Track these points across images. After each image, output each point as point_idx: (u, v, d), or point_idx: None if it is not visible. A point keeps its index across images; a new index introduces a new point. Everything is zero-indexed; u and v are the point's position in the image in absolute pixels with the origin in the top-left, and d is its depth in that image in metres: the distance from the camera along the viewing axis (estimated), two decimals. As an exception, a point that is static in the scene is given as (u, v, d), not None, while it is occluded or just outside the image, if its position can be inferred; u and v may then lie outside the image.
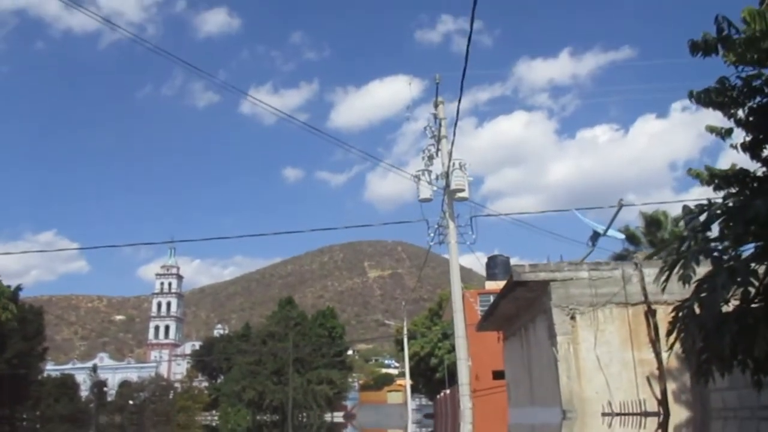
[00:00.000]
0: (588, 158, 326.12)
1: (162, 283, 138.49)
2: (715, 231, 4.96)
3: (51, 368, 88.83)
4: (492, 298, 29.18)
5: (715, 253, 4.74)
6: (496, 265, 30.72)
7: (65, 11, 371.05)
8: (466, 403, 14.64)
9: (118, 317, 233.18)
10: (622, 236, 11.73)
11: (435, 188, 15.95)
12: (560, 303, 8.94)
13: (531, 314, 10.64)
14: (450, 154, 15.22)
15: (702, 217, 4.81)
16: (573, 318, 8.86)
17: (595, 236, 9.98)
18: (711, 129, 6.75)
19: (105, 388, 78.09)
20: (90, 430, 63.52)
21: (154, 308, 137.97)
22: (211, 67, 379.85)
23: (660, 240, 27.83)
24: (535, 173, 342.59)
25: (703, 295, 4.60)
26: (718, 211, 4.72)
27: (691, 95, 6.29)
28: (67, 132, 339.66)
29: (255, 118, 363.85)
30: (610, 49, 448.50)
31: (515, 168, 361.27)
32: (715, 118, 6.56)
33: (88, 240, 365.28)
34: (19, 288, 43.96)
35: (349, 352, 67.09)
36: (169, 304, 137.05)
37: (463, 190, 15.24)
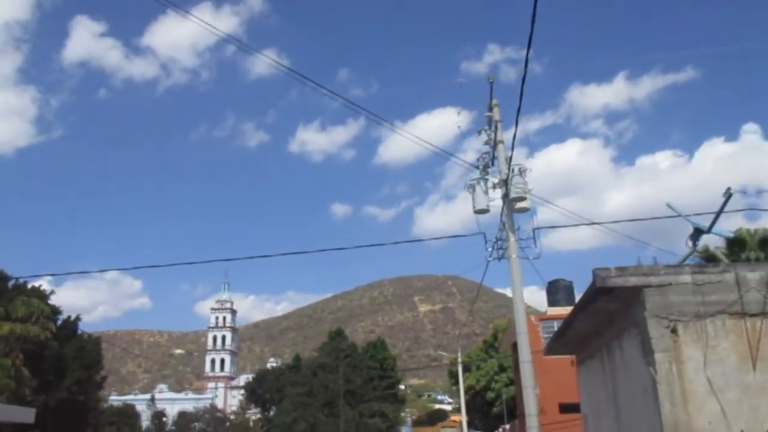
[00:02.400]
0: (648, 186, 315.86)
1: (217, 318, 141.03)
2: None
3: (114, 398, 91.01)
4: (555, 324, 27.13)
5: None
6: (557, 291, 28.74)
7: (125, 60, 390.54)
8: (535, 438, 12.91)
9: (178, 351, 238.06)
10: (731, 234, 9.89)
11: (492, 199, 14.52)
12: (657, 313, 7.28)
13: (615, 330, 8.96)
14: (509, 159, 13.78)
15: None
16: (674, 331, 7.19)
17: (697, 234, 8.23)
18: None
19: (164, 418, 78.67)
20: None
21: (210, 342, 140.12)
22: (262, 107, 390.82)
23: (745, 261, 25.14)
24: (591, 203, 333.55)
25: None
26: None
27: None
28: (125, 175, 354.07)
29: (303, 156, 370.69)
30: (670, 71, 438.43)
31: (570, 198, 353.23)
32: None
33: (149, 278, 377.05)
34: (78, 318, 45.24)
35: (401, 387, 65.11)
36: (224, 338, 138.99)
37: (524, 198, 13.70)
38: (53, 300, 42.46)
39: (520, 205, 13.92)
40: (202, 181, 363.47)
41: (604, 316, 8.93)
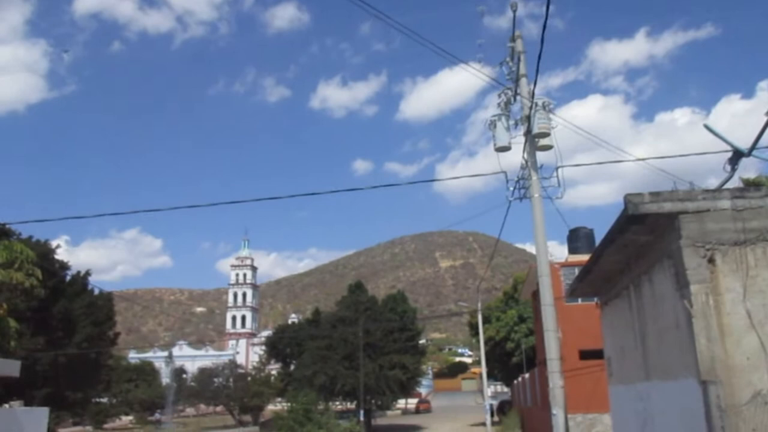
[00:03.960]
0: (666, 142, 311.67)
1: (237, 275, 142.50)
2: None
3: (133, 356, 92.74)
4: (576, 271, 26.67)
5: None
6: (578, 238, 28.10)
7: (139, 12, 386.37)
8: (556, 381, 12.54)
9: (199, 309, 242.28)
10: (771, 159, 9.14)
11: (514, 136, 13.88)
12: (694, 241, 6.64)
13: (645, 264, 8.35)
14: (532, 92, 13.04)
15: None
16: (711, 261, 6.56)
17: (736, 157, 7.56)
18: None
19: (184, 375, 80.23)
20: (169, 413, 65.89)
21: (231, 299, 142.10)
22: (282, 62, 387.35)
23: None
24: (611, 159, 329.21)
25: None
26: None
27: None
28: (144, 131, 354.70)
29: (325, 113, 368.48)
30: (690, 27, 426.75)
31: (589, 154, 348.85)
32: None
33: (170, 237, 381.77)
34: (88, 273, 45.11)
35: (422, 341, 65.46)
36: (244, 295, 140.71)
37: (547, 134, 13.06)
38: (63, 256, 42.66)
39: (542, 142, 13.30)
40: (220, 138, 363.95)
41: (634, 249, 8.35)
